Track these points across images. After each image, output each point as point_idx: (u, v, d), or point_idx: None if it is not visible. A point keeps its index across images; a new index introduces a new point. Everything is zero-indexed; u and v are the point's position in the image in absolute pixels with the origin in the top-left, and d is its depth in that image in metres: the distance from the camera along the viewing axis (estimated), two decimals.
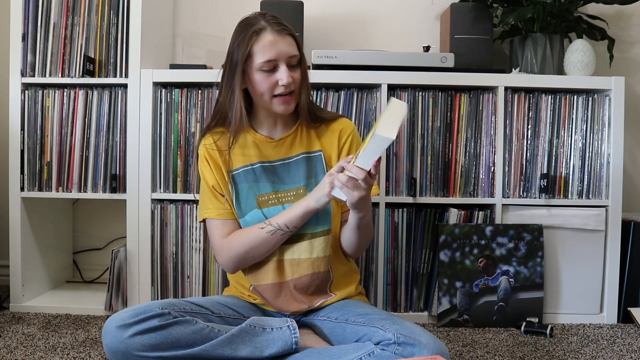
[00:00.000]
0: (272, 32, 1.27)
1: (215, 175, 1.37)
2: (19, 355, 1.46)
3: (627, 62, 2.27)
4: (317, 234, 1.34)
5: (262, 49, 1.27)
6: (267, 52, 1.26)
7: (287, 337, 1.21)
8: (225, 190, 1.36)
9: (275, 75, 1.28)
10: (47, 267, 2.05)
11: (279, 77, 1.28)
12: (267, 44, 1.27)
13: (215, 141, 1.37)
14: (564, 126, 1.87)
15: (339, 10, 2.26)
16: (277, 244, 1.30)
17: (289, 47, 1.29)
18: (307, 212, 1.26)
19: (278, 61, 1.27)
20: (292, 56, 1.29)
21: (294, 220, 1.27)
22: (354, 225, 1.29)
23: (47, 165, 1.87)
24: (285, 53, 1.28)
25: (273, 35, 1.27)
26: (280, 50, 1.27)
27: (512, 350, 1.57)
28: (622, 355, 1.54)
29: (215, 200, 1.37)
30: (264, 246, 1.30)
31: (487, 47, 1.99)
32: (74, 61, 1.86)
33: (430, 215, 1.84)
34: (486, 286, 1.80)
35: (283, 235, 1.29)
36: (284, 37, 1.28)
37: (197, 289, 1.85)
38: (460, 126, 1.86)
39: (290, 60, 1.29)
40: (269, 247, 1.30)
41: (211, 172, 1.37)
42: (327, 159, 1.39)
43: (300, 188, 1.35)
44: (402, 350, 1.11)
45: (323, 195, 1.22)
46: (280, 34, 1.28)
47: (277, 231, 1.28)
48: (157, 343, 1.12)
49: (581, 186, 1.87)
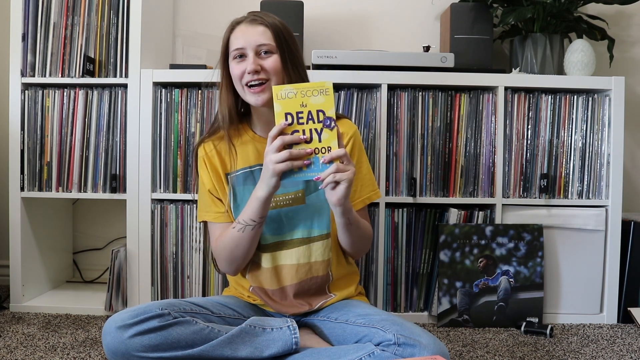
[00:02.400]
0: (245, 23, 1.32)
1: (212, 179, 1.37)
2: (19, 355, 1.46)
3: (627, 62, 2.27)
4: (314, 238, 1.33)
5: (234, 39, 1.32)
6: (237, 41, 1.31)
7: (287, 338, 1.21)
8: (222, 194, 1.37)
9: (244, 63, 1.30)
10: (47, 267, 2.05)
11: (245, 64, 1.29)
12: (238, 34, 1.31)
13: (215, 146, 1.38)
14: (564, 126, 1.87)
15: (339, 10, 2.26)
16: (254, 238, 1.28)
17: (259, 35, 1.30)
18: (262, 202, 1.22)
19: (245, 49, 1.30)
20: (261, 44, 1.30)
21: (255, 213, 1.24)
22: (341, 223, 1.25)
23: (47, 165, 1.87)
24: (252, 41, 1.29)
25: (245, 25, 1.32)
26: (248, 39, 1.29)
27: (512, 350, 1.58)
28: (622, 355, 1.54)
29: (212, 204, 1.37)
30: (243, 244, 1.28)
31: (487, 47, 1.99)
32: (74, 61, 1.86)
33: (430, 215, 1.84)
34: (486, 286, 1.80)
35: (254, 229, 1.26)
36: (255, 26, 1.31)
37: (197, 289, 1.85)
38: (460, 126, 1.86)
39: (260, 48, 1.30)
40: (247, 243, 1.28)
41: (208, 175, 1.37)
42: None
43: (298, 192, 1.34)
44: (402, 350, 1.11)
45: (268, 177, 1.17)
46: (252, 24, 1.31)
47: (246, 227, 1.26)
48: (157, 344, 1.12)
49: (581, 186, 1.87)
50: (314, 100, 1.14)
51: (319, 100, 1.14)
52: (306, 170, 1.15)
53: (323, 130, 1.15)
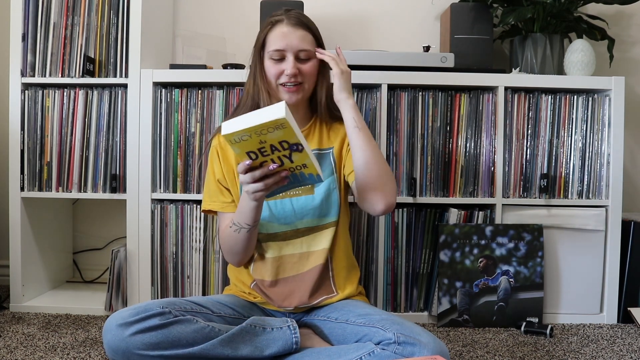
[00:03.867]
0: (286, 24, 1.34)
1: (222, 169, 1.39)
2: (19, 355, 1.46)
3: (627, 62, 2.27)
4: (322, 226, 1.36)
5: (274, 39, 1.34)
6: (277, 41, 1.33)
7: (288, 337, 1.21)
8: (230, 185, 1.39)
9: (282, 64, 1.33)
10: (47, 267, 2.05)
11: (285, 66, 1.33)
12: (279, 35, 1.33)
13: None
14: (564, 126, 1.87)
15: (339, 10, 2.26)
16: (250, 239, 1.29)
17: (300, 40, 1.33)
18: (252, 209, 1.22)
19: (286, 52, 1.33)
20: (302, 50, 1.33)
21: (247, 218, 1.25)
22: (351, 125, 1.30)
23: (47, 165, 1.87)
24: (294, 45, 1.33)
25: (287, 27, 1.34)
26: (289, 42, 1.32)
27: (512, 350, 1.57)
28: (622, 355, 1.54)
29: (219, 193, 1.40)
30: (239, 243, 1.30)
31: (487, 47, 2.00)
32: (74, 61, 1.86)
33: (430, 215, 1.84)
34: (486, 286, 1.80)
35: (249, 232, 1.27)
36: (296, 30, 1.34)
37: (197, 289, 1.85)
38: (460, 126, 1.86)
39: (299, 53, 1.33)
40: (244, 243, 1.29)
41: (219, 165, 1.40)
42: (336, 157, 1.41)
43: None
44: (402, 349, 1.11)
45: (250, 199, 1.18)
46: (294, 27, 1.34)
47: (241, 229, 1.27)
48: (157, 342, 1.12)
49: (581, 186, 1.87)
50: (272, 136, 1.03)
51: (277, 135, 1.03)
52: (287, 184, 1.15)
53: (292, 154, 1.08)
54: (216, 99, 1.83)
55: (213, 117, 1.83)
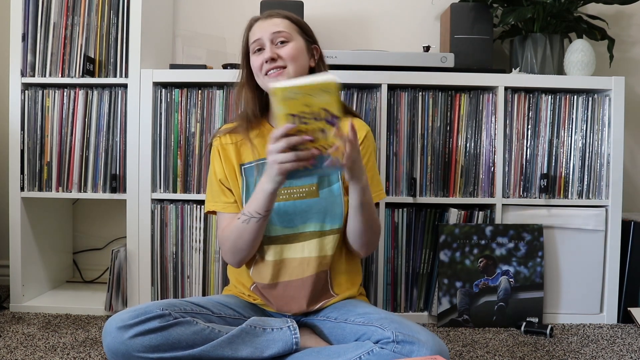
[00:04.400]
0: (262, 19, 1.37)
1: (224, 170, 1.39)
2: (19, 355, 1.46)
3: (627, 62, 2.27)
4: (327, 232, 1.35)
5: (252, 34, 1.37)
6: (254, 34, 1.36)
7: (288, 338, 1.21)
8: (232, 185, 1.38)
9: (262, 54, 1.34)
10: (47, 267, 2.05)
11: (264, 55, 1.34)
12: (255, 29, 1.36)
13: (231, 137, 1.40)
14: (564, 126, 1.87)
15: (339, 10, 2.26)
16: (258, 231, 1.28)
17: (274, 25, 1.34)
18: (268, 195, 1.21)
19: (262, 39, 1.34)
20: (276, 32, 1.33)
21: (260, 206, 1.23)
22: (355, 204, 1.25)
23: (47, 165, 1.87)
24: (267, 30, 1.34)
25: (262, 20, 1.37)
26: (264, 29, 1.34)
27: (512, 350, 1.58)
28: (622, 355, 1.54)
29: (221, 193, 1.39)
30: (246, 235, 1.28)
31: (487, 47, 2.00)
32: (74, 61, 1.86)
33: (430, 215, 1.84)
34: (486, 286, 1.80)
35: (259, 222, 1.26)
36: (271, 19, 1.36)
37: (197, 289, 1.85)
38: (460, 126, 1.86)
39: (275, 36, 1.33)
40: (251, 235, 1.28)
41: (221, 165, 1.39)
42: None
43: (312, 185, 1.34)
44: (401, 348, 1.11)
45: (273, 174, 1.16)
46: (269, 18, 1.36)
47: (251, 219, 1.26)
48: (157, 344, 1.12)
49: (581, 186, 1.87)
50: (317, 100, 1.07)
51: (323, 99, 1.07)
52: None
53: (327, 129, 1.11)
54: (216, 99, 1.83)
55: (213, 117, 1.83)
